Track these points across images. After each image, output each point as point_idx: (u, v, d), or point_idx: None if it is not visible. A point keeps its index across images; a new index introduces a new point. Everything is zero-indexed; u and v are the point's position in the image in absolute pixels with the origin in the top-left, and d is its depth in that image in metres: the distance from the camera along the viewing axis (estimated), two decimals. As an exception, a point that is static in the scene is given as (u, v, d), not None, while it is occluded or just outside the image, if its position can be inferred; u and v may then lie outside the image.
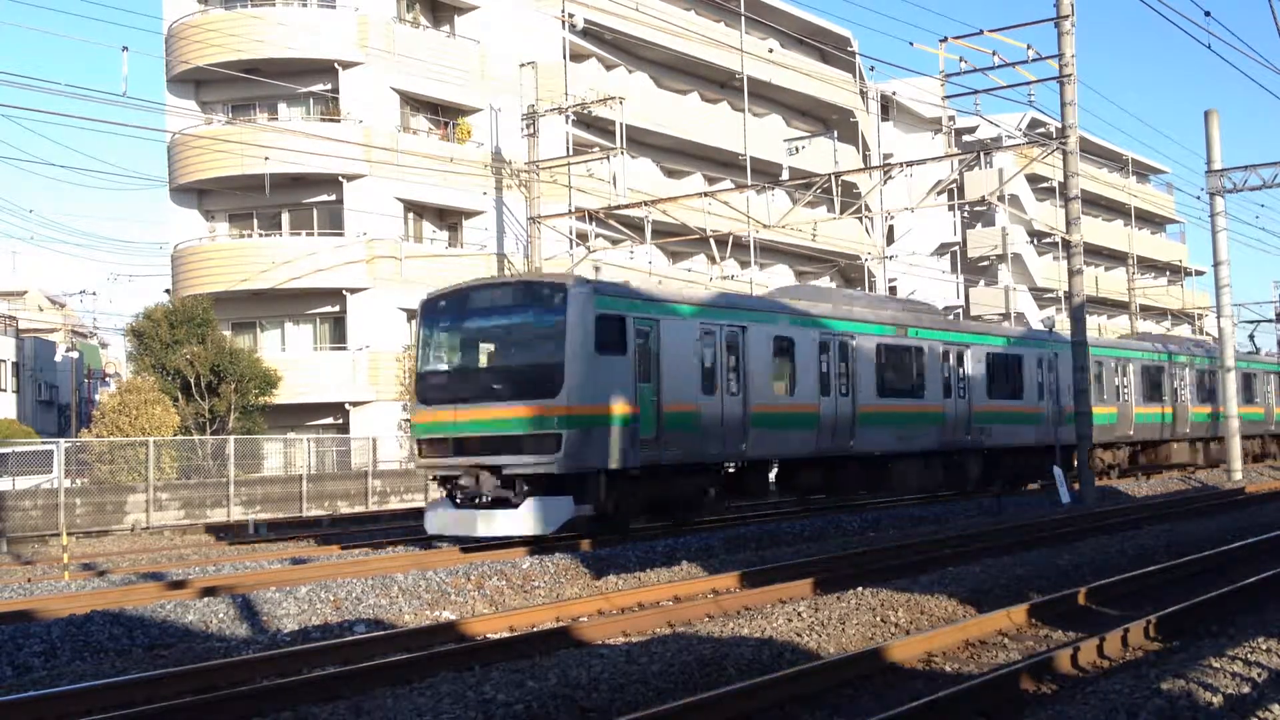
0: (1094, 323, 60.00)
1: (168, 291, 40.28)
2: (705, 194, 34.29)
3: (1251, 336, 58.67)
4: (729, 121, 47.47)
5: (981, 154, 32.23)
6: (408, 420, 28.54)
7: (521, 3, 40.89)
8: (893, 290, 54.09)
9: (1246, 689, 7.71)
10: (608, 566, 15.79)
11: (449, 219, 40.71)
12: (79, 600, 13.73)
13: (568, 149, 38.46)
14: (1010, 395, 28.47)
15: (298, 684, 8.97)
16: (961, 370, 26.76)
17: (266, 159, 35.04)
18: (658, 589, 13.51)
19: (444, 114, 40.38)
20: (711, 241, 32.64)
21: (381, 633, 11.34)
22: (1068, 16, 25.58)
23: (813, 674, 8.80)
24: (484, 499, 17.75)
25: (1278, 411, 44.43)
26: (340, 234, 37.89)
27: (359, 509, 30.47)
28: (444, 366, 19.41)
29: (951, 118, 58.31)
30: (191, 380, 34.18)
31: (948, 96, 35.38)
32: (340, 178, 37.04)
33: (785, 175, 39.22)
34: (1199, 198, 42.61)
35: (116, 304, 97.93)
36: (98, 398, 53.73)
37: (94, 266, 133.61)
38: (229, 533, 26.14)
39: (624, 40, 43.49)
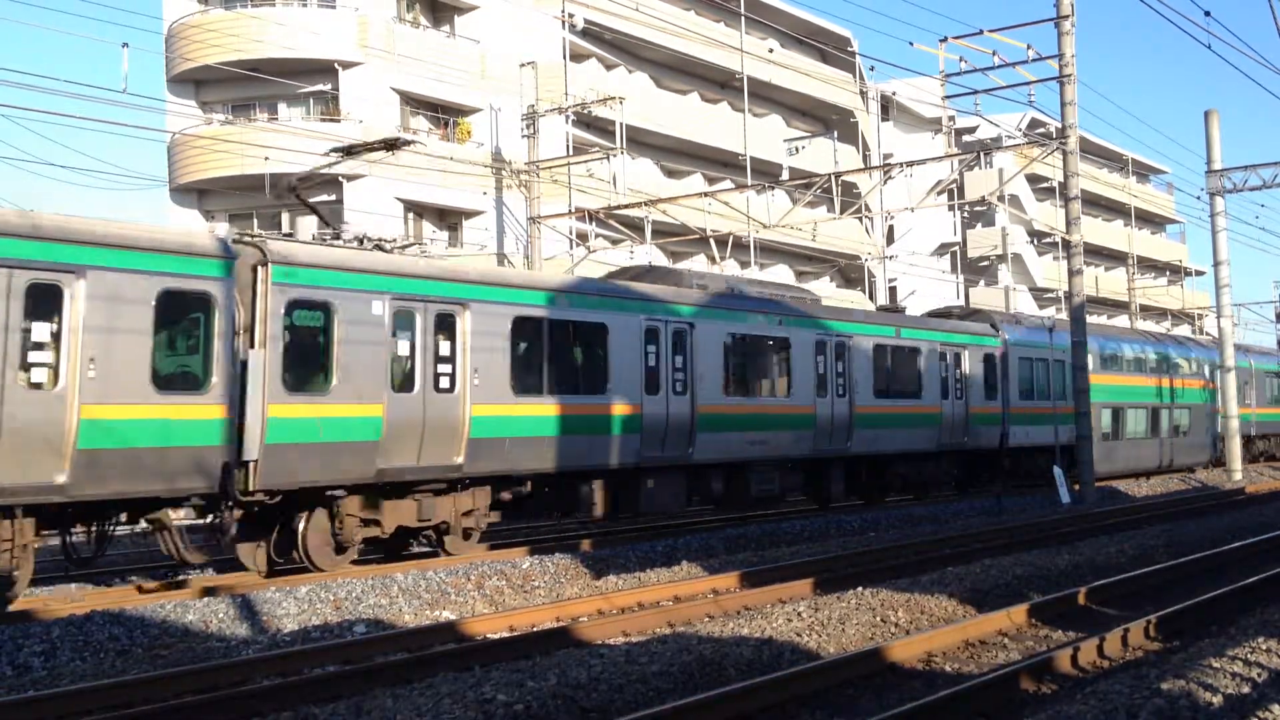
0: (1094, 322, 59.91)
1: None
2: (705, 194, 34.27)
3: None
4: (729, 121, 47.43)
5: (981, 154, 32.22)
6: None
7: (521, 3, 40.87)
8: (892, 291, 54.07)
9: (1246, 689, 7.71)
10: (608, 566, 15.79)
11: (449, 219, 40.68)
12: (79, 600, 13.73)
13: (568, 149, 38.44)
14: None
15: (298, 684, 8.98)
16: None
17: (266, 159, 34.99)
18: (658, 589, 13.51)
19: (444, 114, 40.36)
20: (711, 241, 32.64)
21: (381, 633, 11.34)
22: (1068, 16, 25.57)
23: (813, 674, 8.80)
24: None
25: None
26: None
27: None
28: None
29: (951, 118, 58.26)
30: None
31: (948, 96, 35.35)
32: (340, 178, 37.02)
33: (785, 175, 39.15)
34: (1199, 198, 42.54)
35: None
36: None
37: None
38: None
39: (624, 40, 43.46)
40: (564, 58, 40.74)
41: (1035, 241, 63.93)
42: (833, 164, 36.69)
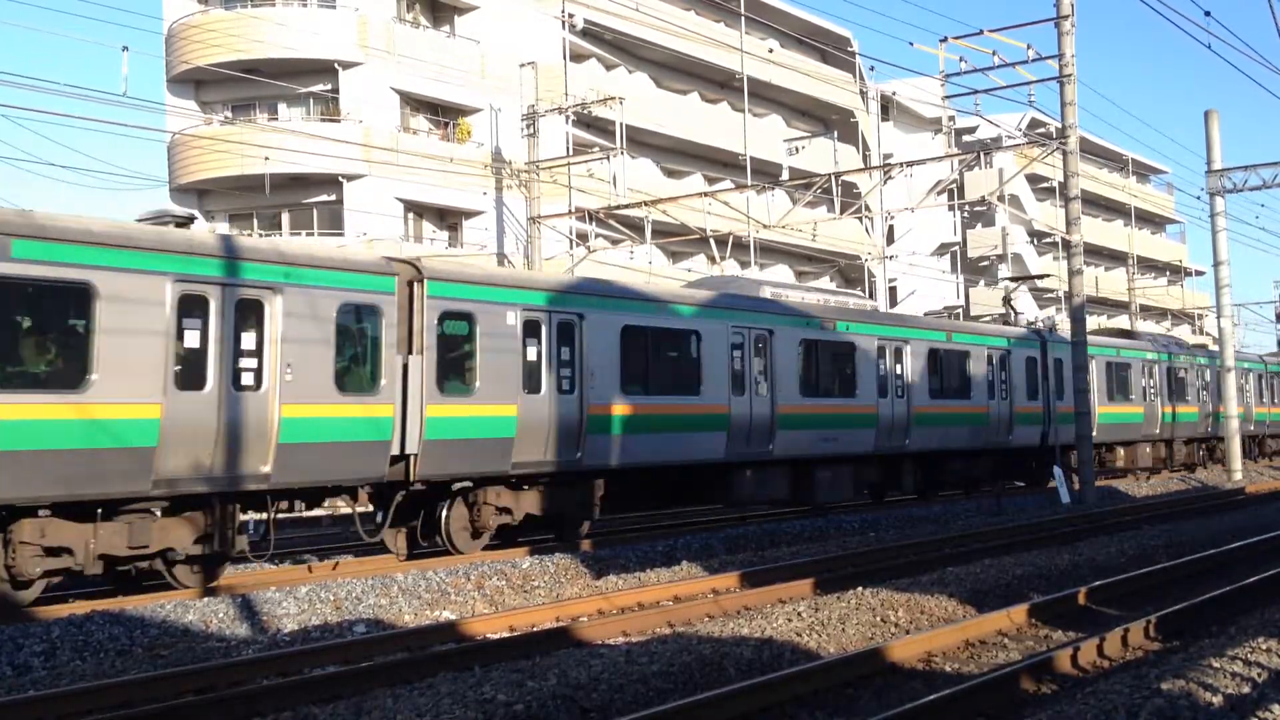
0: (1093, 323, 59.89)
1: None
2: (705, 194, 34.26)
3: None
4: (729, 121, 47.43)
5: (981, 154, 32.17)
6: None
7: (521, 3, 40.88)
8: (893, 291, 54.05)
9: (1246, 689, 7.71)
10: (608, 566, 15.78)
11: (449, 219, 40.68)
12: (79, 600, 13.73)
13: (568, 149, 38.44)
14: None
15: (298, 684, 8.98)
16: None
17: (266, 159, 34.99)
18: (658, 589, 13.51)
19: (444, 114, 40.36)
20: (711, 241, 32.62)
21: (381, 633, 11.34)
22: (1068, 16, 25.56)
23: (813, 674, 8.80)
24: None
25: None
26: (340, 234, 37.86)
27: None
28: None
29: (951, 118, 58.22)
30: None
31: (948, 96, 35.32)
32: (340, 178, 37.01)
33: (785, 175, 39.19)
34: (1199, 198, 42.49)
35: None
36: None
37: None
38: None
39: (624, 40, 43.46)
40: (564, 58, 40.74)
41: (1035, 241, 63.90)
42: (833, 164, 36.69)
